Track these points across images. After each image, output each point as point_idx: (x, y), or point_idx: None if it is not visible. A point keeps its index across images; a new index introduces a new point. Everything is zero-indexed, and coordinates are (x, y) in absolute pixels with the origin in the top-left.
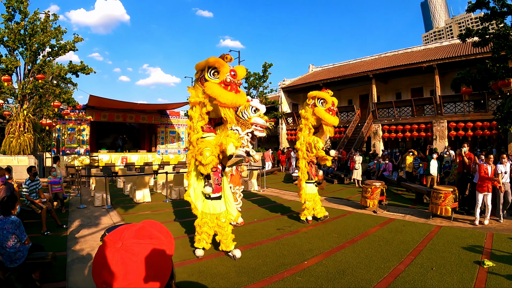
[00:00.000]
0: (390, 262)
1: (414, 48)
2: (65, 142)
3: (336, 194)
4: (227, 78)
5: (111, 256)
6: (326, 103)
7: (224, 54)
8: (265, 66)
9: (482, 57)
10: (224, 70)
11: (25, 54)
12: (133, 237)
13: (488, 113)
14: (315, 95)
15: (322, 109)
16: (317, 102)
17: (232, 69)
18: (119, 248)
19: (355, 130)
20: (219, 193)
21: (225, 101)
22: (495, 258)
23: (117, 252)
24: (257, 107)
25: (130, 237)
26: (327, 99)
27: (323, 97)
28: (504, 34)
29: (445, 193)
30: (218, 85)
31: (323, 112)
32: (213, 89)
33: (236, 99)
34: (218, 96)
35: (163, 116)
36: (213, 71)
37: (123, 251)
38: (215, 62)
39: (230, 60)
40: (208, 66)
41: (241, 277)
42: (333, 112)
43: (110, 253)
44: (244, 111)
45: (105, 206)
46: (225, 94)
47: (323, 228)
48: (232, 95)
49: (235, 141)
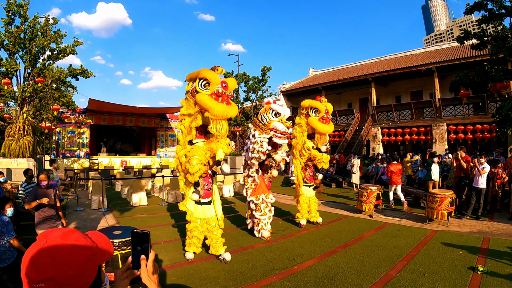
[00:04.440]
0: (382, 268)
1: (413, 51)
2: (65, 145)
3: (334, 198)
4: (218, 89)
5: (34, 252)
6: (319, 112)
7: (215, 66)
8: (264, 70)
9: (481, 59)
10: (215, 81)
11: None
12: (58, 236)
13: (487, 116)
14: (308, 104)
15: (315, 118)
16: (310, 111)
17: (223, 81)
18: (43, 245)
19: (355, 134)
20: (208, 198)
21: (217, 113)
22: (490, 263)
23: (40, 248)
24: (278, 111)
25: (56, 236)
26: (320, 108)
27: (316, 106)
28: (503, 36)
29: (441, 197)
30: (209, 96)
31: (316, 122)
32: (204, 101)
33: (227, 111)
34: (210, 107)
35: (163, 119)
36: (204, 82)
37: (45, 247)
38: (206, 74)
39: (221, 72)
40: (199, 77)
41: (229, 280)
42: (327, 120)
43: (34, 249)
44: (264, 114)
45: (102, 209)
46: (216, 105)
47: (317, 233)
48: (223, 107)
49: (225, 147)
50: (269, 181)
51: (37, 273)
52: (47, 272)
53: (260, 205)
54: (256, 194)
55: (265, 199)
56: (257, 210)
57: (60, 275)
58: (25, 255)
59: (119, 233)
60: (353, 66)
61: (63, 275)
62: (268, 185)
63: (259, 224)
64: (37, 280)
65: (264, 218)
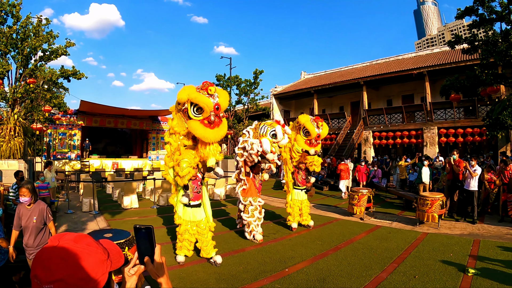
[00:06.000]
0: (373, 270)
1: (405, 55)
2: (56, 147)
3: (325, 201)
4: (211, 116)
5: (46, 253)
6: (309, 135)
7: (207, 86)
8: (256, 73)
9: (472, 64)
10: (208, 108)
11: (17, 58)
12: (71, 239)
13: (478, 119)
14: (303, 123)
15: (302, 140)
16: (301, 132)
17: (216, 103)
18: (55, 246)
19: (346, 137)
20: (198, 200)
21: (209, 140)
22: (481, 265)
23: (52, 250)
24: (277, 134)
25: (68, 239)
26: (311, 132)
27: (309, 130)
28: (493, 40)
29: (431, 200)
30: (201, 123)
31: (302, 143)
32: (197, 129)
33: (219, 135)
34: (202, 137)
35: (155, 122)
36: (197, 107)
37: (57, 249)
38: (199, 100)
39: (214, 92)
40: (192, 102)
41: (220, 284)
42: (314, 145)
43: (46, 251)
44: (266, 126)
45: (93, 212)
46: (208, 133)
47: (308, 235)
48: (215, 134)
49: (217, 155)
50: (259, 184)
51: (47, 274)
52: (57, 274)
53: (248, 207)
54: (245, 196)
55: (253, 202)
56: (244, 211)
57: (70, 277)
58: (36, 256)
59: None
60: (345, 70)
61: (73, 277)
62: (259, 187)
63: (250, 226)
64: (47, 281)
65: (253, 220)
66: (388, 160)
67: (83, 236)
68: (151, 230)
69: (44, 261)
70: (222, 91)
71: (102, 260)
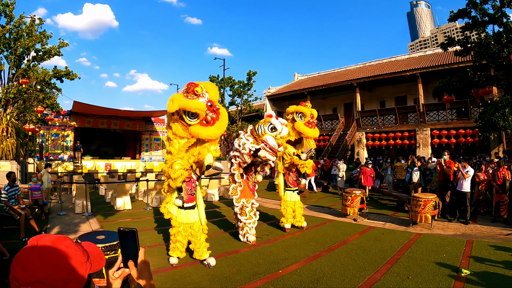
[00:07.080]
0: (366, 271)
1: (398, 57)
2: (48, 148)
3: (319, 202)
4: (207, 116)
5: (24, 254)
6: (304, 116)
7: (193, 88)
8: (249, 74)
9: (465, 65)
10: (201, 110)
11: (10, 58)
12: (50, 241)
13: (470, 121)
14: (294, 110)
15: (301, 123)
16: (296, 116)
17: (208, 100)
18: (34, 246)
19: (339, 138)
20: (192, 202)
21: (215, 137)
22: (474, 266)
23: (30, 251)
24: (275, 126)
25: (47, 240)
26: (305, 112)
27: (302, 111)
28: (486, 43)
29: (424, 201)
30: (201, 125)
31: (303, 126)
32: (200, 133)
33: (222, 129)
34: (207, 137)
35: (148, 123)
36: (190, 113)
37: (36, 250)
38: (191, 107)
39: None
40: (184, 110)
41: (213, 285)
42: (313, 124)
43: (25, 252)
44: (261, 125)
45: (85, 213)
46: (211, 132)
47: (301, 237)
48: (215, 130)
49: (213, 152)
50: (253, 185)
51: (26, 275)
52: (36, 275)
53: (244, 209)
54: (240, 198)
55: (246, 204)
56: (242, 214)
57: (49, 278)
58: (15, 257)
59: (103, 237)
60: (338, 71)
61: (52, 278)
62: (253, 189)
63: (244, 228)
64: (25, 283)
65: (250, 222)
66: (381, 161)
67: (62, 238)
68: (135, 233)
69: (23, 261)
70: (209, 84)
71: (81, 262)
